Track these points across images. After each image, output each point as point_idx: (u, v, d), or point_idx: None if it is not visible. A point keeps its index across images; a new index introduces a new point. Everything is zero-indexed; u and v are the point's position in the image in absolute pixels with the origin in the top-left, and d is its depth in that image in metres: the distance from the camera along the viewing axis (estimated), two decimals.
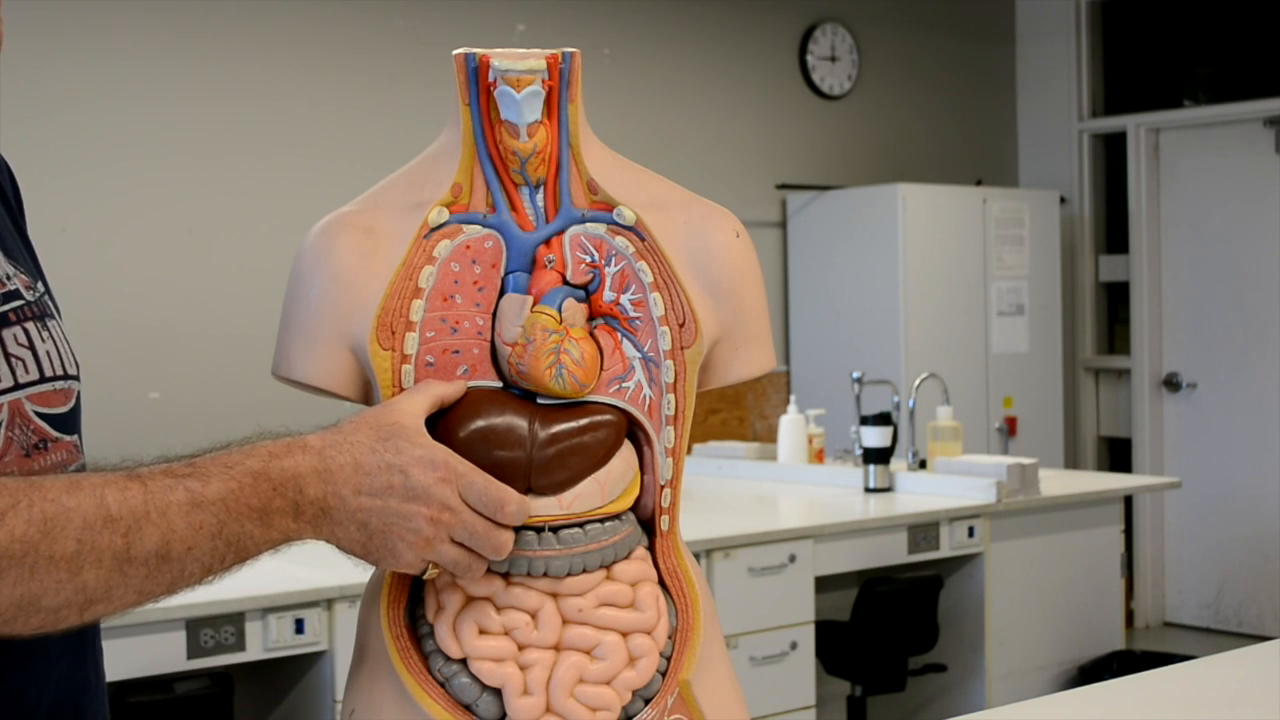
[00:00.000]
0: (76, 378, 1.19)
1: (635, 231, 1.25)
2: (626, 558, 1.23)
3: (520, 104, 1.22)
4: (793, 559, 4.11)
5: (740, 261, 1.27)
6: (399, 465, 1.09)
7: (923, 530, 4.39)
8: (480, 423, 1.18)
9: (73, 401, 1.18)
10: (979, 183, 6.98)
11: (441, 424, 1.18)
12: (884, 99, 6.97)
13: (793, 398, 5.40)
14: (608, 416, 1.21)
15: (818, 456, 5.14)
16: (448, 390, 1.18)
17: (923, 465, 4.94)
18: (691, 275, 1.25)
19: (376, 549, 1.10)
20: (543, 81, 1.22)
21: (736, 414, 6.41)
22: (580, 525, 1.19)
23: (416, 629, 1.20)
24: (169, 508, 0.99)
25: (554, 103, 1.23)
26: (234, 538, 1.02)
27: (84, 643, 1.21)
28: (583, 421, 1.20)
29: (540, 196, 1.24)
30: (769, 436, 6.13)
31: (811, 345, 6.58)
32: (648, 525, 1.26)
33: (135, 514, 0.98)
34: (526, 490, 1.17)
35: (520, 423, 1.18)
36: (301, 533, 1.08)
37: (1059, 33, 7.33)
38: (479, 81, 1.23)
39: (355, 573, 1.28)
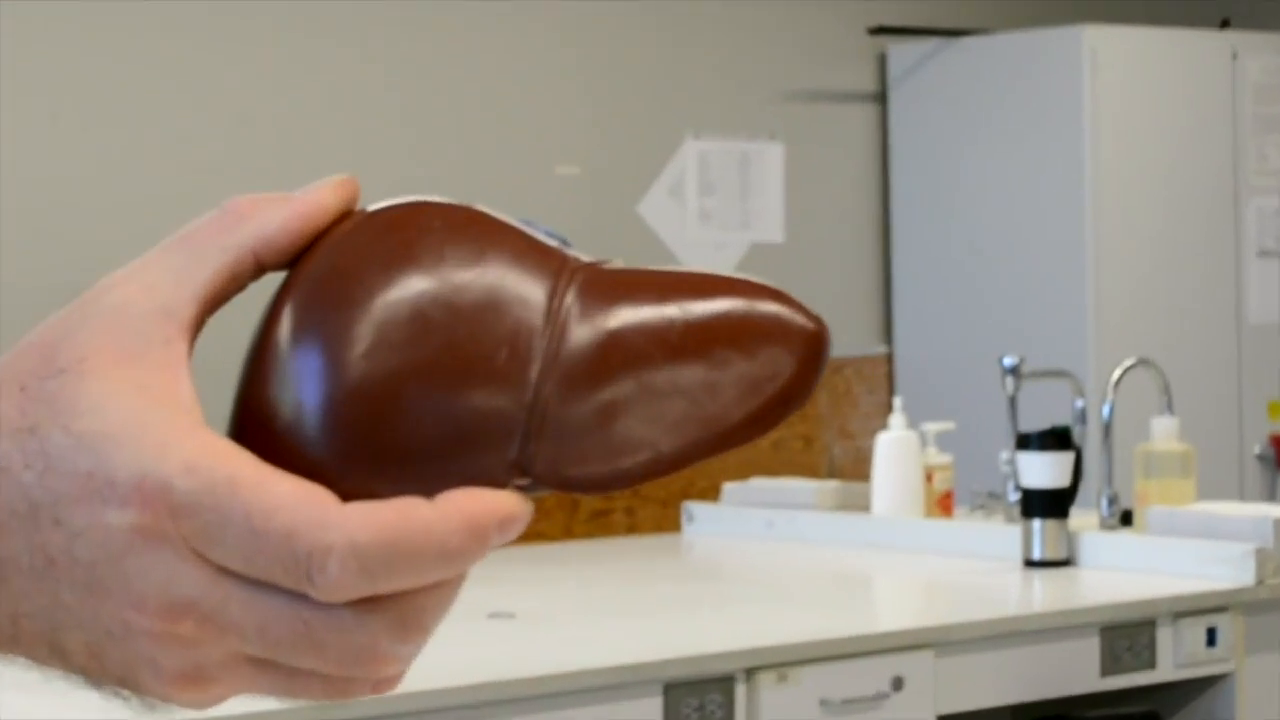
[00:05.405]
0: None
1: None
2: None
3: None
4: (899, 685, 3.55)
5: None
6: (50, 504, 0.52)
7: (1127, 635, 3.89)
8: (419, 286, 0.52)
9: None
10: (1224, 24, 5.94)
11: (325, 283, 0.52)
12: None
13: (897, 400, 4.37)
14: (769, 307, 0.52)
15: (941, 504, 4.40)
16: (266, 227, 0.52)
17: (1126, 520, 4.26)
18: None
19: (104, 684, 0.56)
20: None
21: (801, 430, 5.20)
22: None
23: None
24: None
25: None
26: None
27: None
28: (698, 310, 0.52)
29: None
30: (856, 470, 5.16)
31: (927, 307, 5.54)
32: None
33: None
34: (518, 475, 0.51)
35: (531, 292, 0.53)
36: None
37: None
38: None
39: None
